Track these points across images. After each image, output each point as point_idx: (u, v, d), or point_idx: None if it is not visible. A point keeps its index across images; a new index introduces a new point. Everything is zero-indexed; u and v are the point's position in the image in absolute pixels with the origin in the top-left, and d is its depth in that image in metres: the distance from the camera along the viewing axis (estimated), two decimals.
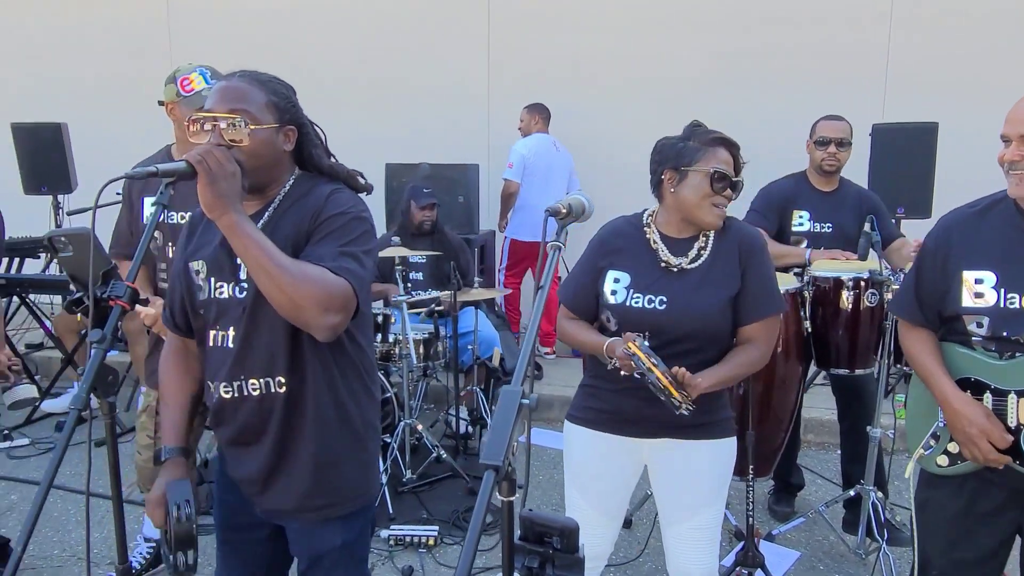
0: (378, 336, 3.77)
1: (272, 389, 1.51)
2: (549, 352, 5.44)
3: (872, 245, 2.73)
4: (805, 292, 2.84)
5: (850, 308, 2.80)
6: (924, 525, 1.84)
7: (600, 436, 1.96)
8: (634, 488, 2.07)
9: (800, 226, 3.15)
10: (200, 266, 1.55)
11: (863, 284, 2.79)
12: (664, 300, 1.84)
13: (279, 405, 1.51)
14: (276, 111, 1.50)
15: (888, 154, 4.27)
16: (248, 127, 1.44)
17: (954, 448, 1.76)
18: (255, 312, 1.48)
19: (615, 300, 1.88)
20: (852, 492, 3.00)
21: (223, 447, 1.63)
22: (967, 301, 1.70)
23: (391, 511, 3.29)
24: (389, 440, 3.62)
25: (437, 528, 3.12)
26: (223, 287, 1.52)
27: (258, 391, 1.51)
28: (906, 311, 1.86)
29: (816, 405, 4.21)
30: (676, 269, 1.88)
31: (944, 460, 1.78)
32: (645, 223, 1.95)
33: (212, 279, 1.53)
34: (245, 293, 1.49)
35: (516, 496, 0.96)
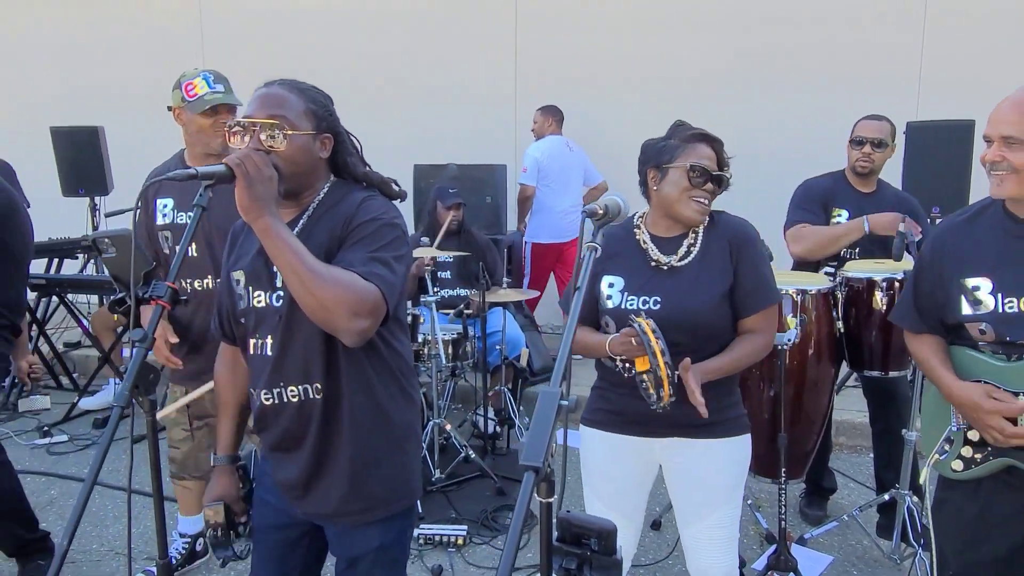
0: None
1: (310, 396, 1.53)
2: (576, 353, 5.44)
3: (907, 246, 2.68)
4: (838, 293, 2.80)
5: (884, 309, 2.75)
6: (940, 527, 1.85)
7: (611, 437, 1.96)
8: (650, 488, 2.07)
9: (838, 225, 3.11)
10: (240, 275, 1.58)
11: (897, 285, 2.74)
12: (658, 300, 1.85)
13: (317, 411, 1.54)
14: (314, 119, 1.52)
15: (923, 152, 4.19)
16: (286, 133, 1.46)
17: (968, 452, 1.78)
18: (291, 320, 1.50)
19: (611, 304, 1.90)
20: (887, 496, 2.95)
21: (266, 452, 1.66)
22: (966, 309, 1.72)
23: (420, 510, 3.31)
24: None
25: (466, 528, 3.13)
26: (260, 295, 1.55)
27: (297, 398, 1.53)
28: (908, 322, 1.90)
29: (848, 407, 4.14)
30: (666, 267, 1.89)
31: (959, 465, 1.79)
32: (635, 225, 1.97)
33: (250, 288, 1.56)
34: (281, 301, 1.51)
35: (555, 497, 0.97)
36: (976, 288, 1.70)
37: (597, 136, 5.49)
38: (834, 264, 3.07)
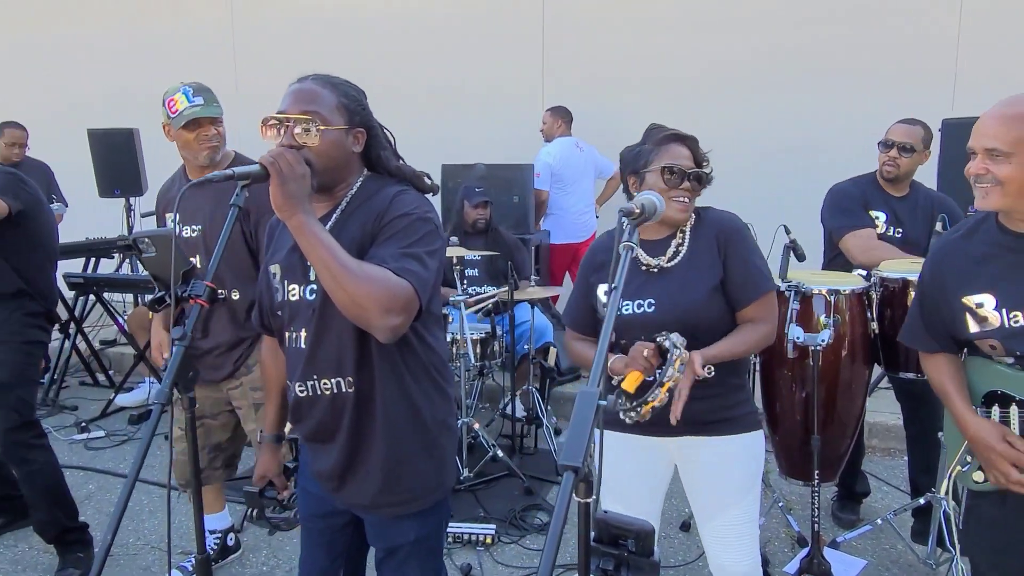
0: None
1: (343, 389, 1.55)
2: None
3: None
4: (872, 293, 2.75)
5: None
6: (970, 534, 1.84)
7: (625, 438, 1.96)
8: (666, 490, 2.06)
9: (875, 228, 3.04)
10: (276, 269, 1.61)
11: None
12: (652, 302, 1.86)
13: (350, 405, 1.55)
14: (346, 113, 1.53)
15: (959, 149, 4.05)
16: (318, 128, 1.48)
17: None
18: (324, 314, 1.51)
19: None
20: (922, 500, 2.90)
21: (304, 442, 1.69)
22: (973, 327, 1.72)
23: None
24: None
25: (494, 527, 3.14)
26: (295, 289, 1.57)
27: (330, 391, 1.55)
28: (919, 342, 1.89)
29: (881, 409, 4.07)
30: (657, 269, 1.91)
31: (980, 476, 1.78)
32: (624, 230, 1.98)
33: (285, 282, 1.58)
34: (315, 295, 1.53)
35: (593, 497, 0.97)
36: (980, 305, 1.70)
37: (625, 135, 5.36)
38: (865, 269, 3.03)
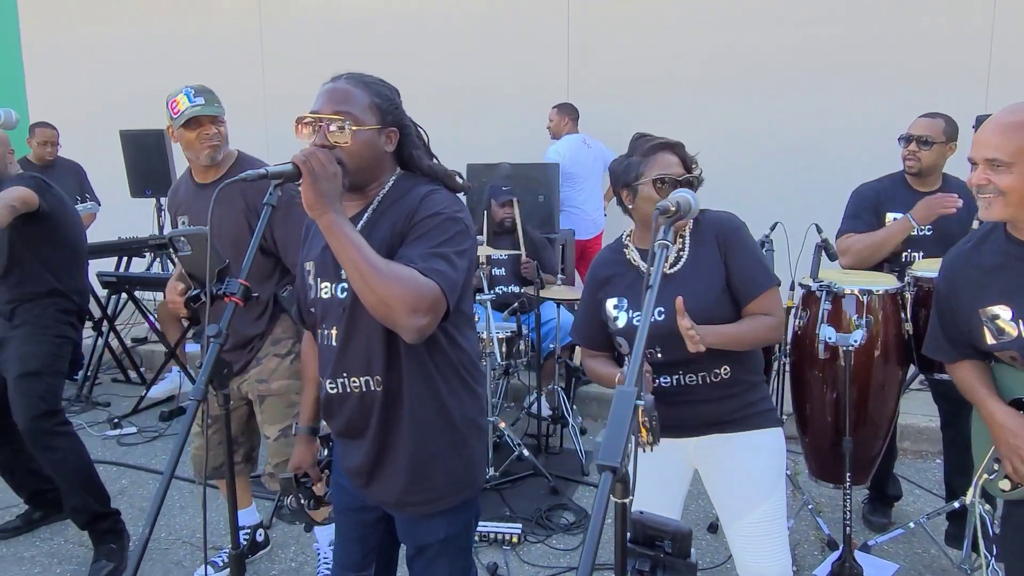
0: None
1: (371, 387, 1.55)
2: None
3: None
4: (906, 293, 2.71)
5: None
6: (1005, 539, 1.84)
7: None
8: (686, 493, 2.05)
9: None
10: (311, 266, 1.62)
11: None
12: (661, 310, 1.86)
13: (378, 403, 1.56)
14: (379, 112, 1.53)
15: None
16: (351, 128, 1.48)
17: None
18: (354, 312, 1.52)
19: (620, 324, 1.94)
20: (957, 504, 2.85)
21: (336, 438, 1.71)
22: (991, 339, 1.72)
23: None
24: None
25: (520, 526, 3.14)
26: (327, 287, 1.58)
27: (358, 388, 1.56)
28: (942, 353, 1.91)
29: (913, 411, 4.01)
30: (660, 276, 1.89)
31: (1007, 484, 1.77)
32: (624, 244, 2.02)
33: (318, 279, 1.59)
34: (346, 294, 1.53)
35: (630, 498, 0.96)
36: (996, 317, 1.70)
37: (649, 131, 5.43)
38: (897, 269, 2.98)
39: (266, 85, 6.74)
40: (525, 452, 3.67)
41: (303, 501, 1.71)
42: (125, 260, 5.35)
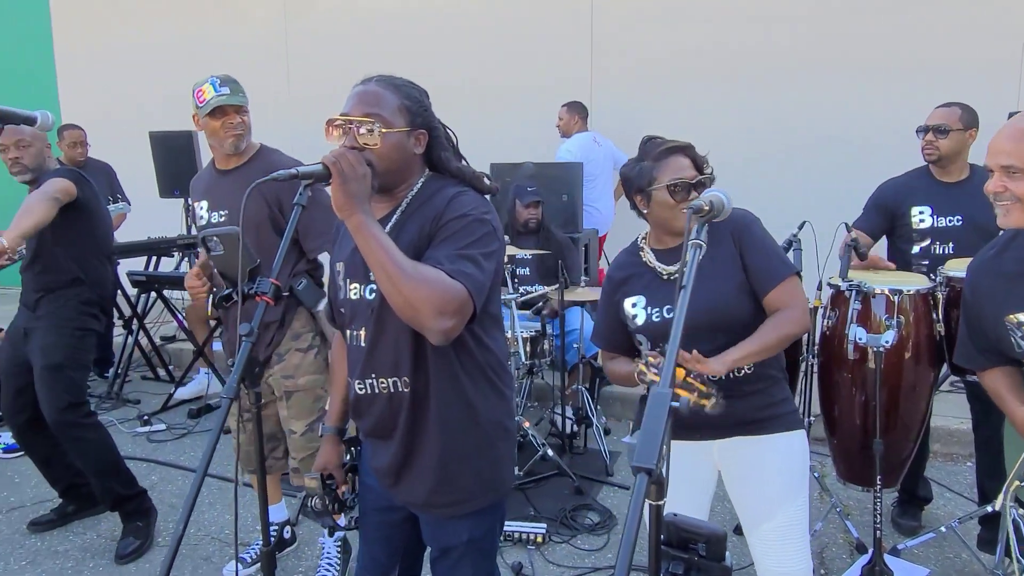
0: None
1: (399, 388, 1.56)
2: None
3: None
4: (938, 293, 2.66)
5: None
6: None
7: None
8: (711, 497, 2.03)
9: (922, 223, 2.97)
10: (341, 267, 1.63)
11: None
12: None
13: (406, 404, 1.57)
14: (408, 115, 1.54)
15: None
16: (380, 130, 1.49)
17: None
18: (382, 314, 1.53)
19: (640, 322, 1.94)
20: (990, 508, 2.79)
21: (364, 437, 1.72)
22: (1020, 347, 1.71)
23: None
24: None
25: (545, 526, 3.14)
26: (356, 288, 1.59)
27: (387, 390, 1.57)
28: (972, 362, 1.91)
29: (943, 413, 3.94)
30: (677, 275, 1.90)
31: None
32: (640, 247, 2.02)
33: (348, 280, 1.61)
34: (374, 295, 1.54)
35: (664, 500, 0.96)
36: (1022, 324, 1.69)
37: (673, 129, 5.38)
38: (927, 261, 2.94)
39: (291, 86, 6.80)
40: (549, 452, 3.67)
41: (327, 503, 1.71)
42: (154, 260, 5.43)
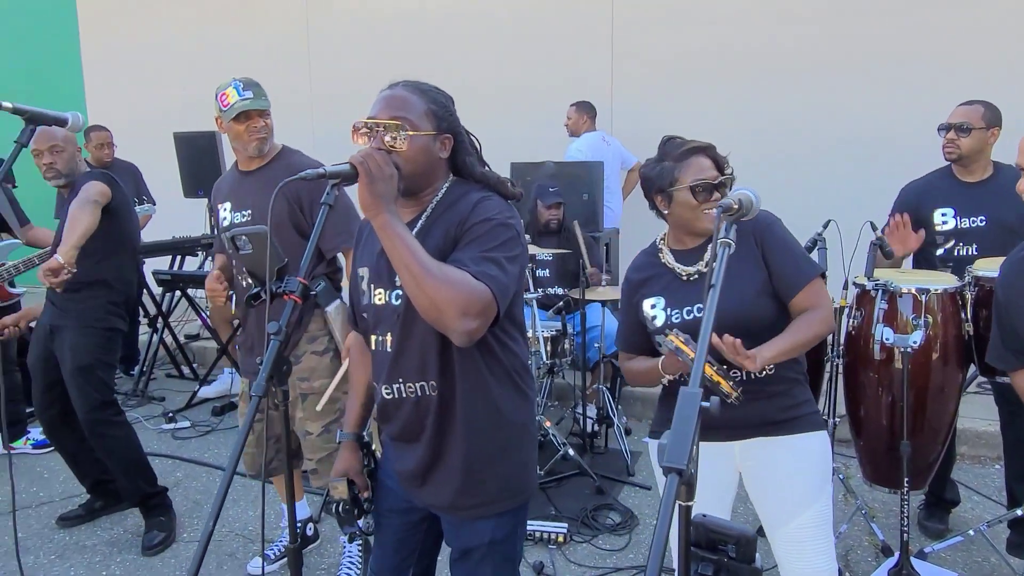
0: None
1: (426, 392, 1.57)
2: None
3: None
4: (966, 293, 2.62)
5: None
6: None
7: None
8: (732, 499, 2.01)
9: (944, 224, 2.93)
10: (364, 272, 1.64)
11: None
12: (701, 307, 1.83)
13: (433, 407, 1.57)
14: (434, 119, 1.55)
15: None
16: (407, 134, 1.50)
17: None
18: (408, 319, 1.54)
19: (659, 323, 1.92)
20: (1020, 511, 2.75)
21: (388, 441, 1.72)
22: None
23: None
24: None
25: (566, 525, 3.14)
26: (380, 293, 1.59)
27: (414, 394, 1.58)
28: (1004, 362, 1.91)
29: (971, 415, 3.89)
30: (697, 276, 1.90)
31: None
32: (658, 248, 2.00)
33: (372, 286, 1.61)
34: (400, 300, 1.55)
35: (693, 501, 0.95)
36: None
37: (694, 130, 5.35)
38: (951, 263, 2.90)
39: (312, 87, 6.85)
40: (570, 451, 3.66)
41: (350, 507, 1.70)
42: (178, 259, 5.50)
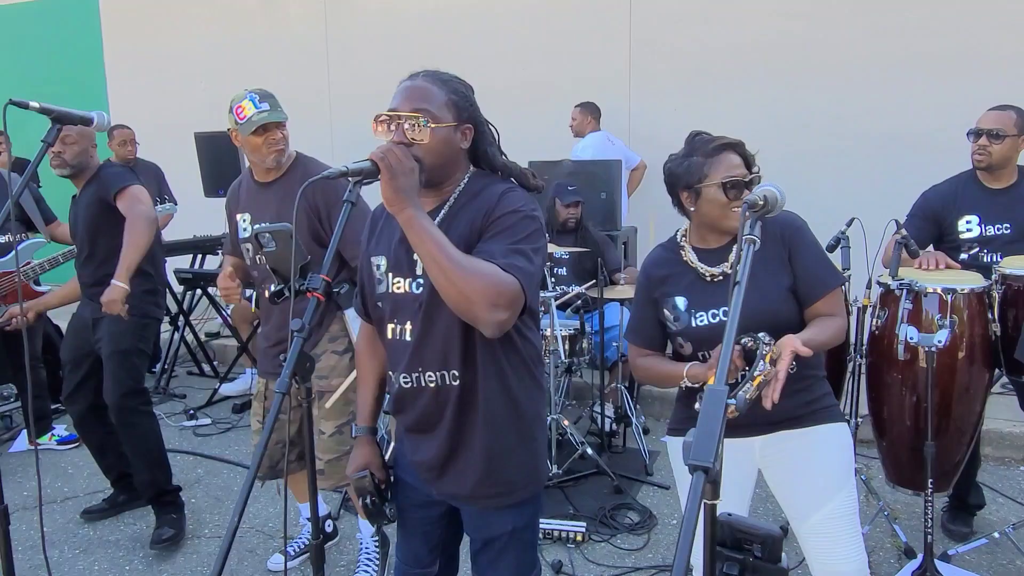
0: None
1: (447, 382, 1.57)
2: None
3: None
4: (993, 292, 2.59)
5: None
6: None
7: None
8: (751, 495, 1.99)
9: (968, 231, 2.89)
10: (381, 261, 1.63)
11: None
12: (726, 310, 1.81)
13: (453, 397, 1.57)
14: (455, 109, 1.55)
15: None
16: (428, 125, 1.49)
17: None
18: (431, 308, 1.53)
19: (680, 325, 1.90)
20: None
21: (404, 433, 1.72)
22: None
23: None
24: None
25: (584, 524, 3.13)
26: (400, 282, 1.59)
27: (434, 383, 1.57)
28: None
29: (996, 416, 3.82)
30: (721, 277, 1.87)
31: None
32: (680, 245, 1.96)
33: (390, 274, 1.61)
34: (422, 289, 1.54)
35: (720, 499, 0.95)
36: None
37: (712, 128, 5.31)
38: (974, 270, 2.85)
39: (331, 86, 6.89)
40: (588, 450, 3.65)
41: (378, 500, 1.69)
42: (199, 257, 5.55)
